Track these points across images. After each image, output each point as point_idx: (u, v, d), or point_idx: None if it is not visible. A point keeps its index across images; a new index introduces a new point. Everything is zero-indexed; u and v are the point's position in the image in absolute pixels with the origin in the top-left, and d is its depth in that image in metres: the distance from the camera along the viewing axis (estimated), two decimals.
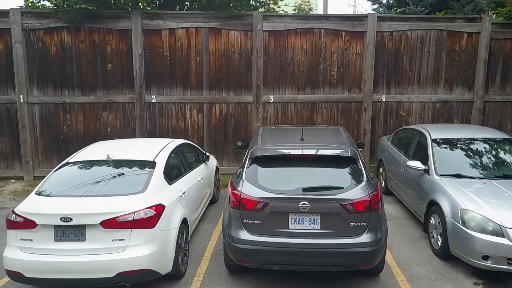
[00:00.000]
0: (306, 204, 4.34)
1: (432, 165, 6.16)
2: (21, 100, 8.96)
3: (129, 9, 8.90)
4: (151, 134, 9.31)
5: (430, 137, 6.66)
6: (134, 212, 4.32)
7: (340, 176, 4.72)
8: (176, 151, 6.04)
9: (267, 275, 5.14)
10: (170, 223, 4.78)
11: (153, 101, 9.20)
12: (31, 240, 4.31)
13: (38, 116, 9.14)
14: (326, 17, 9.43)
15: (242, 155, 9.50)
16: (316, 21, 9.26)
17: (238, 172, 5.13)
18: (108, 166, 5.16)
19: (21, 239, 4.33)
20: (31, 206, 4.43)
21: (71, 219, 4.21)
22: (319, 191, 4.44)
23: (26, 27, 8.80)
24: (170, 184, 5.23)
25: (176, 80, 9.21)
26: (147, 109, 9.24)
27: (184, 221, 5.25)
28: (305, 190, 4.43)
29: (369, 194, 4.44)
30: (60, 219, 4.22)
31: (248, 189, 4.54)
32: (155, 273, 4.48)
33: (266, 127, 6.67)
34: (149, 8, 9.10)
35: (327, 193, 4.43)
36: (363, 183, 4.57)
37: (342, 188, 4.48)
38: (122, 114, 9.26)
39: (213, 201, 7.72)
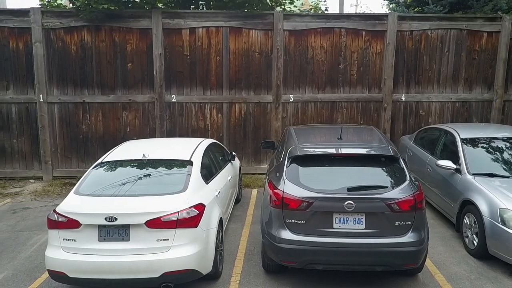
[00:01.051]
0: (352, 204, 4.31)
1: (464, 165, 6.13)
2: (41, 100, 8.92)
3: (149, 9, 8.85)
4: (171, 134, 9.28)
5: (459, 136, 6.64)
6: (178, 212, 4.29)
7: (382, 175, 4.70)
8: (208, 150, 6.01)
9: (304, 275, 5.11)
10: (210, 223, 4.75)
11: (173, 100, 9.17)
12: (74, 240, 4.27)
13: (57, 115, 9.10)
14: (346, 16, 9.41)
15: (262, 155, 9.51)
16: (336, 20, 9.23)
17: (275, 171, 5.10)
18: (145, 166, 5.12)
19: (64, 239, 4.30)
20: (74, 205, 4.39)
21: (116, 219, 4.18)
22: (364, 190, 4.41)
23: (47, 26, 8.76)
24: (206, 184, 5.21)
25: (196, 79, 9.18)
26: (167, 109, 9.20)
27: (220, 221, 5.22)
28: (350, 189, 4.41)
29: (413, 193, 4.42)
30: (105, 218, 4.19)
31: (290, 189, 4.51)
32: (198, 273, 4.45)
33: (296, 126, 6.65)
34: (163, 7, 9.03)
35: (372, 192, 4.41)
36: (407, 182, 4.54)
37: (387, 187, 4.46)
38: (141, 113, 9.22)
39: (236, 201, 7.69)
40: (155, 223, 4.20)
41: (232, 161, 7.16)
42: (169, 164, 5.23)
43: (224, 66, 9.16)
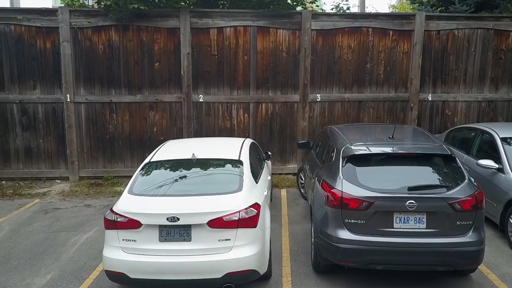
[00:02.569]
0: (414, 203, 4.28)
1: (507, 164, 6.11)
2: (68, 100, 8.86)
3: (177, 7, 8.80)
4: (198, 134, 9.23)
5: (499, 136, 6.62)
6: (240, 211, 4.25)
7: (440, 174, 4.67)
8: (251, 150, 5.97)
9: (356, 276, 5.08)
10: (265, 223, 4.72)
11: (200, 100, 9.13)
12: (134, 240, 4.22)
13: (84, 115, 9.04)
14: (374, 16, 9.39)
15: (288, 155, 9.48)
16: (364, 19, 9.21)
17: (327, 171, 5.06)
18: (195, 165, 5.07)
19: (123, 240, 4.25)
20: (133, 205, 4.34)
21: (178, 219, 4.14)
22: (425, 189, 4.38)
23: (74, 26, 8.70)
24: (256, 183, 5.17)
25: (223, 79, 9.14)
26: (194, 109, 9.16)
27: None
28: (411, 188, 4.38)
29: (474, 193, 4.40)
30: (167, 219, 4.14)
31: (349, 188, 4.48)
32: (257, 273, 4.41)
33: (337, 125, 6.61)
34: (185, 5, 8.94)
35: (434, 191, 4.38)
36: (466, 181, 4.52)
37: (448, 186, 4.44)
38: (168, 113, 9.17)
39: None
40: (217, 223, 4.16)
41: (267, 160, 7.13)
42: (219, 163, 5.19)
43: (251, 65, 9.12)
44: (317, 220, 4.87)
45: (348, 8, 11.03)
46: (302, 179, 8.05)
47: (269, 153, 7.33)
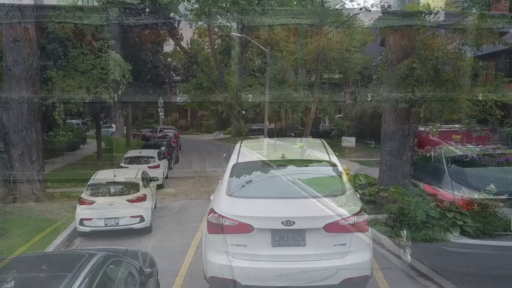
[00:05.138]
0: None
1: None
2: None
3: None
4: None
5: None
6: (354, 215, 4.07)
7: None
8: None
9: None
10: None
11: None
12: (245, 245, 4.02)
13: None
14: None
15: None
16: None
17: None
18: (287, 166, 4.87)
19: (232, 244, 4.04)
20: (242, 208, 4.12)
21: (293, 223, 3.94)
22: None
23: None
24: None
25: None
26: None
27: None
28: None
29: None
30: (282, 222, 3.94)
31: None
32: (369, 278, 4.23)
33: None
34: None
35: None
36: None
37: None
38: None
39: None
40: (334, 227, 3.98)
41: None
42: (312, 164, 4.99)
43: None
44: None
45: (389, 6, 10.81)
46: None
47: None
